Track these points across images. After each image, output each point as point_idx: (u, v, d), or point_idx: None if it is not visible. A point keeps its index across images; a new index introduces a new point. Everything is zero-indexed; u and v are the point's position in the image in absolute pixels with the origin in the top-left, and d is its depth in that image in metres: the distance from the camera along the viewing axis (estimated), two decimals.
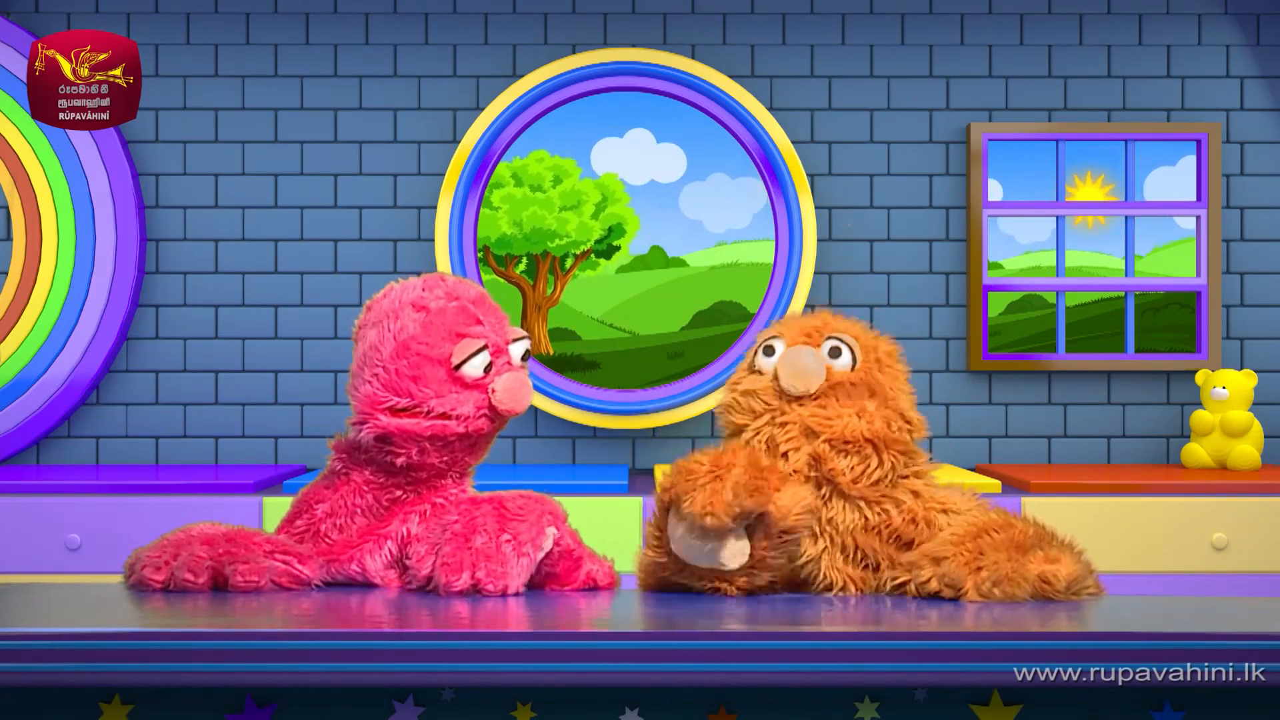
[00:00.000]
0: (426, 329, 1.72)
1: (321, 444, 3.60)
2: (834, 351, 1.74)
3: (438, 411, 1.70)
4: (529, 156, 3.54)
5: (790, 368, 1.71)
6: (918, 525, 1.68)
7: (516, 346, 1.77)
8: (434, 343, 1.71)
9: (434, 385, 1.70)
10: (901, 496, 1.70)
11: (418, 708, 1.45)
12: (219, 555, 1.66)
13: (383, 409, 1.70)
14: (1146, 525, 3.05)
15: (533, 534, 1.66)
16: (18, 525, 3.02)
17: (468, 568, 1.63)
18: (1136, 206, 3.61)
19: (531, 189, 3.53)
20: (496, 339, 1.75)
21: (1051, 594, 1.60)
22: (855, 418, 1.69)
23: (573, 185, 3.55)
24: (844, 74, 3.63)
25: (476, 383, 1.72)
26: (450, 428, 1.71)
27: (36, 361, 3.51)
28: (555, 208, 3.54)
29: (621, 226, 3.55)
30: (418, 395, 1.70)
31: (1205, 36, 3.63)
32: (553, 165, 3.54)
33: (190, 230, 3.61)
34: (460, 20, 3.61)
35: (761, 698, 1.46)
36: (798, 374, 1.70)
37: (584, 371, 3.58)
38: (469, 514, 1.68)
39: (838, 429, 1.68)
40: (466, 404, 1.71)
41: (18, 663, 1.40)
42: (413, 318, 1.73)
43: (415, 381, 1.70)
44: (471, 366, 1.71)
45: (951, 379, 3.64)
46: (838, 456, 1.68)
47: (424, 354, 1.71)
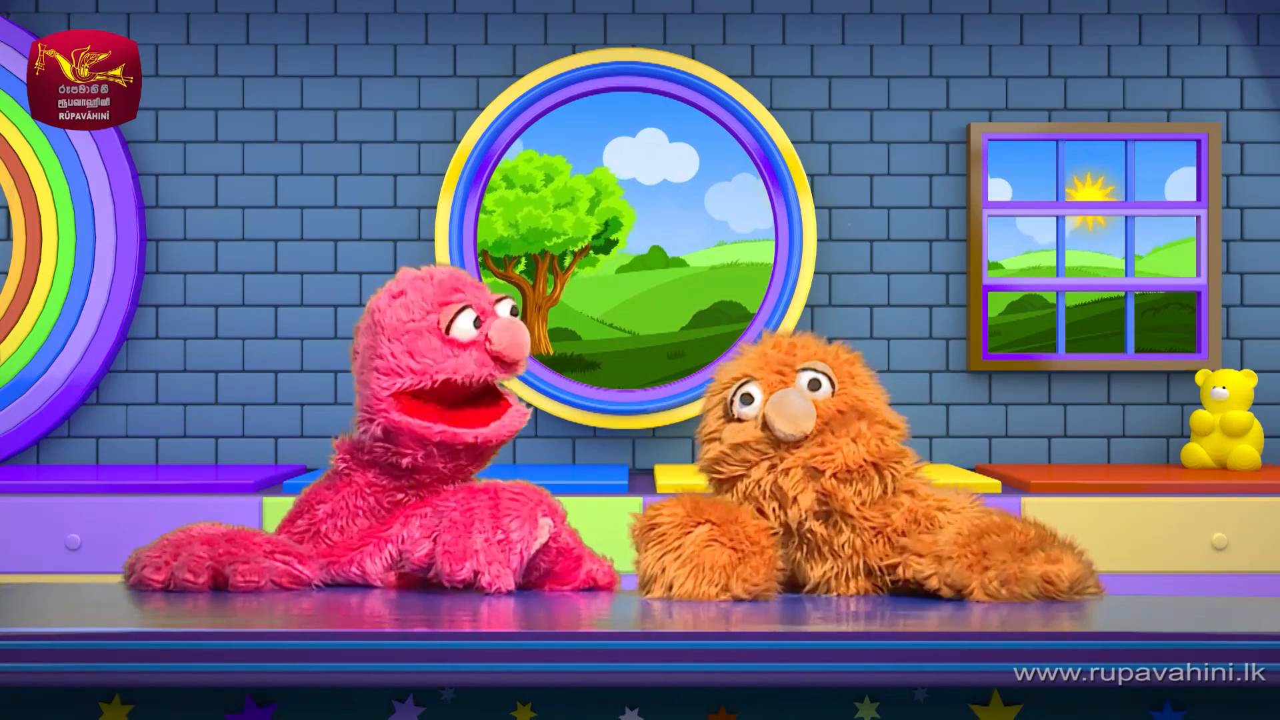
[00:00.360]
0: (409, 307, 1.73)
1: (321, 444, 3.61)
2: (813, 385, 1.71)
3: (444, 378, 1.70)
4: (518, 157, 3.54)
5: (783, 416, 1.67)
6: (919, 524, 1.68)
7: (502, 305, 1.77)
8: (419, 316, 1.72)
9: (431, 354, 1.71)
10: (900, 499, 1.70)
11: (418, 708, 1.45)
12: (219, 555, 1.66)
13: (389, 395, 1.70)
14: (1146, 525, 3.05)
15: (528, 525, 1.66)
16: (18, 525, 3.02)
17: (469, 558, 1.63)
18: (1136, 206, 3.61)
19: (524, 189, 3.52)
20: (482, 302, 1.75)
21: (1055, 594, 1.60)
22: (853, 444, 1.67)
23: (565, 182, 3.55)
24: (844, 74, 3.63)
25: (472, 341, 1.72)
26: (461, 437, 1.71)
27: (36, 361, 3.51)
28: (549, 206, 3.54)
29: (618, 220, 3.55)
30: (418, 367, 1.70)
31: (1205, 36, 3.63)
32: (543, 164, 3.54)
33: (190, 230, 3.61)
34: (460, 20, 3.61)
35: (761, 698, 1.46)
36: (792, 420, 1.67)
37: (584, 371, 3.58)
38: (466, 503, 1.68)
39: (840, 461, 1.66)
40: (468, 363, 1.71)
41: (18, 663, 1.40)
42: (393, 304, 1.74)
43: (412, 356, 1.70)
44: (461, 327, 1.72)
45: (951, 379, 3.64)
46: (844, 487, 1.67)
47: (413, 329, 1.71)
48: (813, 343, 1.77)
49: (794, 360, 1.73)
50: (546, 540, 1.68)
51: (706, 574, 1.61)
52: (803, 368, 1.72)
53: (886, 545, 1.68)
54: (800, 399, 1.68)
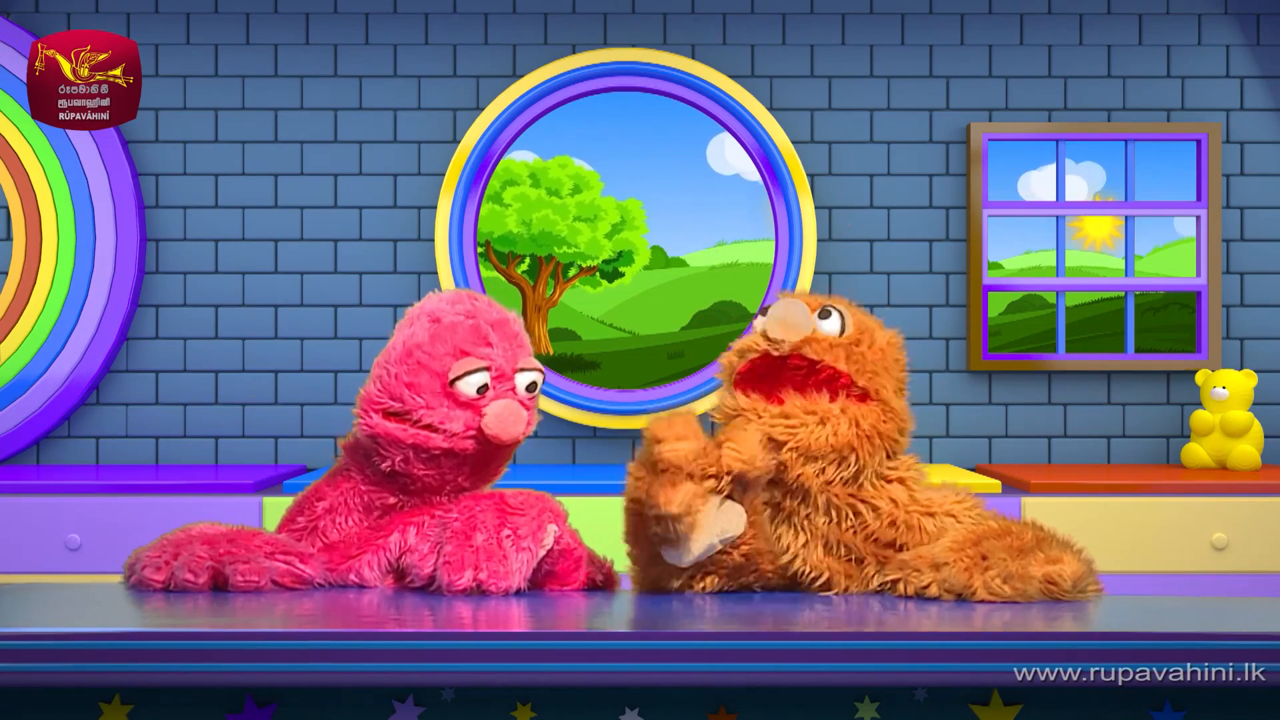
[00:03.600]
0: (433, 339, 1.71)
1: (321, 444, 3.62)
2: (824, 313, 1.70)
3: (425, 422, 1.69)
4: (551, 160, 3.54)
5: (776, 315, 1.67)
6: (898, 528, 1.67)
7: (523, 376, 1.74)
8: (436, 354, 1.70)
9: (426, 395, 1.69)
10: (878, 502, 1.67)
11: (418, 708, 1.45)
12: (219, 555, 1.67)
13: (376, 409, 1.70)
14: (1146, 525, 3.05)
15: (533, 530, 1.66)
16: (18, 525, 3.03)
17: (470, 566, 1.63)
18: (1137, 206, 3.61)
19: (548, 192, 3.52)
20: (503, 364, 1.72)
21: (1058, 594, 1.59)
22: (820, 425, 1.65)
23: (593, 199, 3.54)
24: (844, 74, 3.63)
25: (470, 402, 1.70)
26: (433, 440, 1.69)
27: (36, 361, 3.51)
28: (569, 216, 3.54)
29: (631, 255, 3.54)
30: (409, 402, 1.69)
31: (1205, 36, 3.63)
32: (574, 174, 3.54)
33: (190, 230, 3.61)
34: (460, 20, 3.61)
35: (761, 698, 1.46)
36: (782, 321, 1.67)
37: (584, 371, 3.58)
38: (469, 511, 1.68)
39: (803, 439, 1.65)
40: (456, 421, 1.69)
41: (18, 663, 1.40)
42: (425, 327, 1.72)
43: (410, 389, 1.70)
44: (466, 384, 1.70)
45: (951, 379, 3.64)
46: (802, 464, 1.65)
47: (424, 363, 1.70)
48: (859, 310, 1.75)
49: (829, 301, 1.73)
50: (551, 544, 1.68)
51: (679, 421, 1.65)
52: (827, 305, 1.72)
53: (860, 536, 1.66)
54: (800, 310, 1.68)
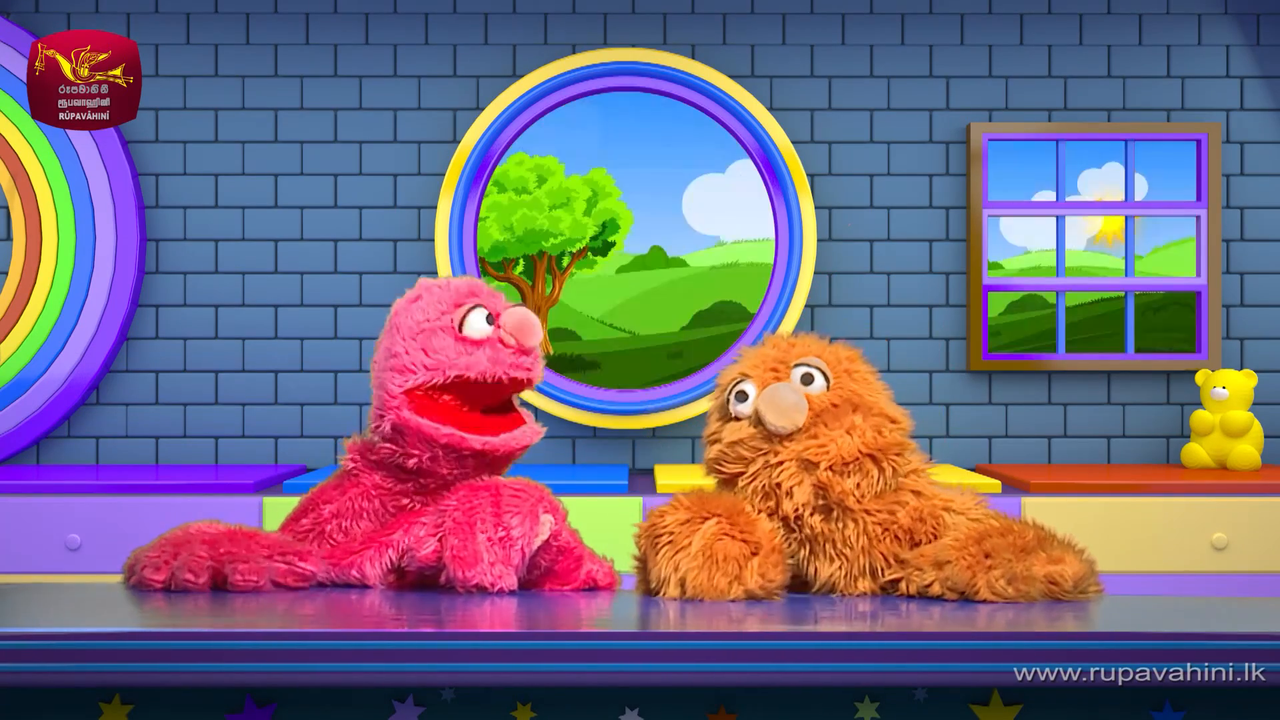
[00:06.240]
0: (424, 308, 1.76)
1: (321, 444, 3.62)
2: (806, 379, 1.72)
3: (456, 374, 1.72)
4: (508, 161, 3.54)
5: (773, 408, 1.68)
6: (925, 523, 1.68)
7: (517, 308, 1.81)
8: (434, 316, 1.75)
9: (444, 351, 1.73)
10: (905, 498, 1.69)
11: (418, 708, 1.45)
12: (219, 555, 1.66)
13: (402, 392, 1.71)
14: (1146, 525, 3.05)
15: (529, 522, 1.66)
16: (18, 525, 3.02)
17: (479, 562, 1.63)
18: (1136, 206, 3.61)
19: (516, 192, 3.52)
20: (494, 305, 1.79)
21: (1060, 594, 1.60)
22: (847, 435, 1.68)
23: (559, 183, 3.54)
24: (844, 74, 3.63)
25: (485, 339, 1.75)
26: (468, 442, 1.71)
27: (36, 361, 3.51)
28: (545, 207, 3.54)
29: (615, 222, 3.54)
30: (431, 364, 1.72)
31: (1205, 36, 3.63)
32: (534, 165, 3.54)
33: (190, 230, 3.61)
34: (460, 20, 3.61)
35: (761, 698, 1.46)
36: (782, 412, 1.68)
37: (584, 371, 3.57)
38: (468, 500, 1.68)
39: (834, 453, 1.67)
40: (481, 360, 1.74)
41: (18, 663, 1.40)
42: (409, 307, 1.77)
43: (426, 353, 1.73)
44: (474, 325, 1.75)
45: (951, 379, 3.64)
46: (841, 479, 1.67)
47: (427, 327, 1.74)
48: (812, 341, 1.77)
49: (789, 357, 1.74)
50: (547, 538, 1.68)
51: (720, 566, 1.61)
52: (797, 364, 1.73)
53: (894, 542, 1.67)
54: (790, 392, 1.69)
